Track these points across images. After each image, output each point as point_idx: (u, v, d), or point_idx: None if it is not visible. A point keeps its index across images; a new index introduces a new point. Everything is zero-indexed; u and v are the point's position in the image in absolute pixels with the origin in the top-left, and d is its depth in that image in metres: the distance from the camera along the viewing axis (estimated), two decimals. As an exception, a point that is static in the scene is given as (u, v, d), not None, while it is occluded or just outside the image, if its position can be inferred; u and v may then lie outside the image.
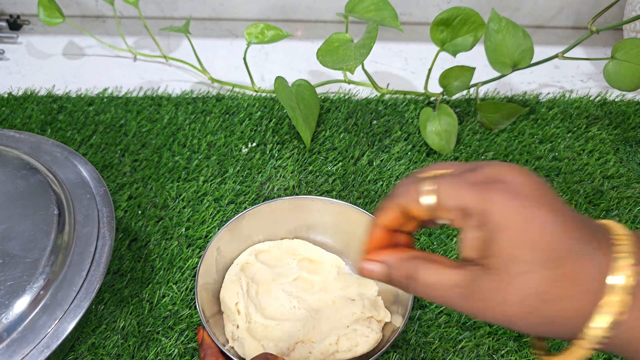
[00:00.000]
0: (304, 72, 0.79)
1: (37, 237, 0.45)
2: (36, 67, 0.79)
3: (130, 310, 0.52)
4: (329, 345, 0.47)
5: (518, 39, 0.62)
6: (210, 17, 0.87)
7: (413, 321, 0.51)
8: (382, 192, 0.62)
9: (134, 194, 0.61)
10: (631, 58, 0.59)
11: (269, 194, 0.62)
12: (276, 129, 0.69)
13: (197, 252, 0.56)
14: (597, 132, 0.69)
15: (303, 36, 0.85)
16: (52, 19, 0.72)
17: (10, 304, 0.41)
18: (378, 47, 0.80)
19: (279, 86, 0.63)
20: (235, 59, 0.79)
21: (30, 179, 0.49)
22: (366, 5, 0.62)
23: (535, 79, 0.78)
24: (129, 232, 0.58)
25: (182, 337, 0.50)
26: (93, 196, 0.50)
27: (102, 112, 0.70)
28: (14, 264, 0.43)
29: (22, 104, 0.71)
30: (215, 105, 0.72)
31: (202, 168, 0.64)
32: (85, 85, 0.75)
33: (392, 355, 0.49)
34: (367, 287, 0.51)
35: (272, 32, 0.67)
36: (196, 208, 0.60)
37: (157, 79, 0.77)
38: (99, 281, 0.44)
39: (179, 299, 0.53)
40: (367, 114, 0.71)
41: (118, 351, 0.49)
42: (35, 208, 0.47)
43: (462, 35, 0.63)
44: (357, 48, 0.58)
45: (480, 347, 0.50)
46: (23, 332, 0.41)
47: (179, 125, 0.69)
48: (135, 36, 0.84)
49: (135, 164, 0.65)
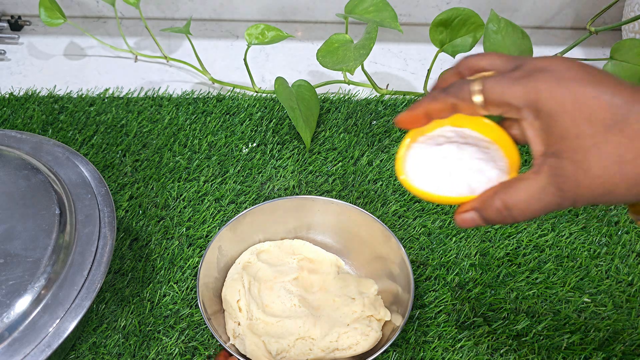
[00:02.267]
0: (304, 72, 0.80)
1: (38, 237, 0.45)
2: (37, 68, 0.79)
3: (131, 310, 0.52)
4: (329, 342, 0.47)
5: (517, 40, 0.63)
6: (211, 18, 0.87)
7: (412, 320, 0.52)
8: (381, 192, 0.62)
9: (135, 193, 0.61)
10: (630, 58, 0.59)
11: (269, 194, 0.62)
12: (276, 129, 0.69)
13: (197, 251, 0.56)
14: (596, 133, 0.69)
15: (303, 37, 0.85)
16: (53, 20, 0.73)
17: (11, 303, 0.42)
18: (378, 47, 0.81)
19: (279, 87, 0.63)
20: (236, 60, 0.80)
21: (31, 179, 0.49)
22: (366, 6, 0.62)
23: (535, 79, 0.78)
24: (130, 232, 0.58)
25: (183, 336, 0.50)
26: (94, 196, 0.50)
27: (103, 112, 0.71)
28: (15, 263, 0.44)
29: (23, 104, 0.72)
30: (215, 105, 0.72)
31: (203, 168, 0.64)
32: (86, 86, 0.75)
33: (391, 354, 0.50)
34: (367, 286, 0.52)
35: (272, 33, 0.67)
36: (197, 208, 0.60)
37: (158, 80, 0.77)
38: (100, 281, 0.45)
39: (179, 298, 0.53)
40: (366, 114, 0.71)
41: (119, 350, 0.50)
42: (37, 208, 0.47)
43: (461, 36, 0.63)
44: (356, 49, 0.58)
45: (479, 346, 0.50)
46: (24, 331, 0.41)
47: (179, 126, 0.69)
48: (136, 37, 0.84)
49: (136, 164, 0.65)
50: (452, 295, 0.54)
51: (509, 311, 0.52)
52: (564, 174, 0.28)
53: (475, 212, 0.32)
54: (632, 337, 0.50)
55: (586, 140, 0.27)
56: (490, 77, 0.30)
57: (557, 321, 0.52)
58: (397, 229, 0.59)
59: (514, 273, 0.55)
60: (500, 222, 0.31)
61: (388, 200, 0.61)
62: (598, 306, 0.53)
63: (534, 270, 0.55)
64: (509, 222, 0.31)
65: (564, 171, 0.28)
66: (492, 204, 0.31)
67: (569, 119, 0.27)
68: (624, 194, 0.28)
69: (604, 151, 0.27)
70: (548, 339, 0.50)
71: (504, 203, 0.30)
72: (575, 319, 0.52)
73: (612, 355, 0.49)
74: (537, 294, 0.54)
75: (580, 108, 0.27)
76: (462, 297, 0.53)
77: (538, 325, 0.51)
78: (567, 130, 0.28)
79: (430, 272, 0.55)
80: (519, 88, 0.29)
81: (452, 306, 0.53)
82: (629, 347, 0.50)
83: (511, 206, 0.30)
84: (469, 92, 0.31)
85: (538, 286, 0.54)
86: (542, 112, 0.28)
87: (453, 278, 0.55)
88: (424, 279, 0.55)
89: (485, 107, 0.31)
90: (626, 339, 0.50)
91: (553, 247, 0.57)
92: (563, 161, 0.28)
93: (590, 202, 0.29)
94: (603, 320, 0.52)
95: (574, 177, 0.28)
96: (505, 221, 0.31)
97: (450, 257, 0.56)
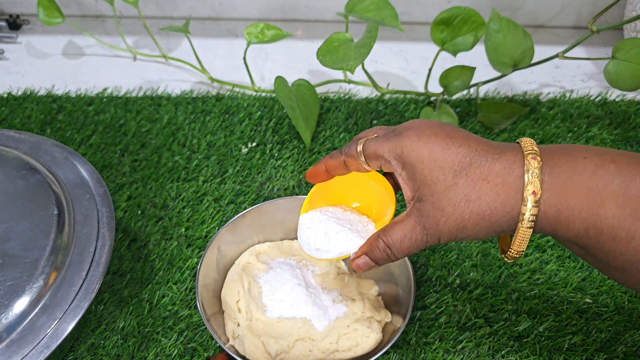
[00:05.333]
0: (304, 72, 0.79)
1: (36, 237, 0.45)
2: (36, 67, 0.79)
3: (130, 311, 0.52)
4: (329, 344, 0.47)
5: (518, 39, 0.62)
6: (210, 16, 0.87)
7: (413, 321, 0.51)
8: (382, 192, 0.62)
9: (133, 194, 0.61)
10: (632, 58, 0.58)
11: (268, 194, 0.62)
12: (276, 129, 0.69)
13: (196, 252, 0.56)
14: (598, 132, 0.69)
15: (303, 36, 0.85)
16: (52, 19, 0.72)
17: (9, 304, 0.41)
18: (378, 46, 0.80)
19: (279, 86, 0.63)
20: (235, 59, 0.79)
21: (29, 179, 0.49)
22: (366, 5, 0.62)
23: (536, 78, 0.77)
24: (128, 232, 0.58)
25: (182, 337, 0.50)
26: (92, 196, 0.50)
27: (102, 112, 0.70)
28: (13, 264, 0.43)
29: (21, 103, 0.71)
30: (215, 105, 0.71)
31: (202, 168, 0.64)
32: (84, 85, 0.75)
33: (392, 356, 0.49)
34: (367, 287, 0.51)
35: (272, 31, 0.67)
36: (196, 208, 0.60)
37: (156, 79, 0.77)
38: (98, 281, 0.44)
39: (178, 299, 0.53)
40: (367, 113, 0.71)
41: (118, 351, 0.49)
42: (35, 208, 0.47)
43: (462, 34, 0.63)
44: (357, 48, 0.57)
45: (481, 348, 0.50)
46: (22, 332, 0.41)
47: (178, 125, 0.69)
48: (134, 36, 0.83)
49: (135, 164, 0.64)
50: (453, 296, 0.53)
51: (511, 312, 0.52)
52: (426, 214, 0.33)
53: (365, 255, 0.37)
54: (634, 338, 0.50)
55: (440, 185, 0.33)
56: (370, 139, 0.37)
57: (558, 322, 0.51)
58: (397, 229, 0.58)
59: (516, 274, 0.55)
60: (385, 261, 0.37)
61: (388, 200, 0.61)
62: (600, 307, 0.52)
63: (535, 271, 0.55)
64: (392, 260, 0.36)
65: (426, 212, 0.33)
66: (377, 245, 0.36)
67: (426, 168, 0.33)
68: (474, 230, 0.32)
69: (454, 193, 0.32)
70: (550, 340, 0.50)
71: (385, 243, 0.36)
72: (577, 320, 0.51)
73: (614, 356, 0.49)
74: (539, 294, 0.53)
75: (434, 158, 0.33)
76: (463, 298, 0.53)
77: (540, 326, 0.51)
78: (425, 177, 0.33)
79: (431, 273, 0.55)
80: (388, 144, 0.35)
81: (453, 307, 0.52)
82: (630, 348, 0.50)
83: (390, 245, 0.35)
84: (355, 150, 0.38)
85: (539, 287, 0.54)
86: (407, 163, 0.34)
87: (454, 279, 0.54)
88: (424, 279, 0.54)
89: (367, 162, 0.38)
90: (628, 340, 0.50)
91: (555, 247, 0.57)
92: (424, 204, 0.33)
93: (451, 238, 0.33)
94: (605, 321, 0.51)
95: (433, 216, 0.33)
96: (390, 259, 0.36)
97: (452, 258, 0.56)
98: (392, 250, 0.36)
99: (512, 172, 0.32)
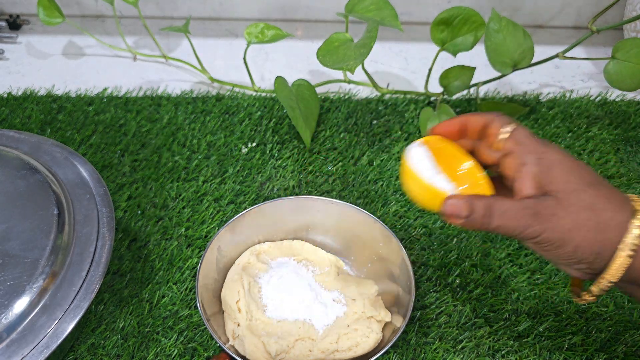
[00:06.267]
0: (304, 72, 0.79)
1: (36, 237, 0.45)
2: (36, 67, 0.79)
3: (130, 311, 0.52)
4: (329, 344, 0.47)
5: (518, 39, 0.62)
6: (210, 16, 0.87)
7: (413, 321, 0.51)
8: (382, 192, 0.62)
9: (133, 194, 0.61)
10: (632, 58, 0.58)
11: (268, 194, 0.62)
12: (276, 129, 0.69)
13: (196, 252, 0.56)
14: (598, 132, 0.69)
15: (303, 36, 0.85)
16: (52, 19, 0.72)
17: (9, 304, 0.41)
18: (378, 46, 0.80)
19: (279, 86, 0.63)
20: (235, 59, 0.79)
21: (29, 179, 0.49)
22: (366, 5, 0.62)
23: (536, 78, 0.77)
24: (128, 232, 0.58)
25: (182, 337, 0.50)
26: (93, 196, 0.50)
27: (102, 112, 0.70)
28: (13, 264, 0.43)
29: (21, 103, 0.71)
30: (215, 105, 0.71)
31: (202, 168, 0.64)
32: (84, 85, 0.75)
33: (392, 356, 0.49)
34: (367, 287, 0.51)
35: (272, 31, 0.67)
36: (196, 208, 0.60)
37: (156, 79, 0.77)
38: (98, 281, 0.44)
39: (178, 299, 0.53)
40: (367, 113, 0.71)
41: (118, 351, 0.49)
42: (35, 208, 0.47)
43: (462, 35, 0.63)
44: (357, 48, 0.57)
45: (481, 347, 0.50)
46: (22, 332, 0.41)
47: (178, 125, 0.69)
48: (135, 36, 0.83)
49: (135, 164, 0.64)
50: (453, 296, 0.53)
51: (510, 312, 0.52)
52: (545, 205, 0.35)
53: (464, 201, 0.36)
54: (634, 337, 0.50)
55: (572, 186, 0.35)
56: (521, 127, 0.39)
57: (558, 322, 0.51)
58: (397, 229, 0.58)
59: (516, 274, 0.55)
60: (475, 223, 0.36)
61: (389, 201, 0.61)
62: (600, 307, 0.52)
63: (535, 271, 0.55)
64: (483, 224, 0.36)
65: (546, 203, 0.35)
66: (479, 202, 0.36)
67: (565, 170, 0.36)
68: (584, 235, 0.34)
69: (582, 196, 0.35)
70: (550, 340, 0.50)
71: (488, 204, 0.36)
72: (577, 320, 0.51)
73: (613, 356, 0.49)
74: (539, 294, 0.53)
75: (574, 167, 0.36)
76: (463, 298, 0.53)
77: (540, 326, 0.51)
78: (561, 177, 0.36)
79: (431, 273, 0.55)
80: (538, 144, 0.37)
81: (453, 307, 0.52)
82: (630, 347, 0.50)
83: (493, 209, 0.36)
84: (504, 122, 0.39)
85: (539, 287, 0.54)
86: (545, 161, 0.36)
87: (454, 279, 0.54)
88: (424, 279, 0.54)
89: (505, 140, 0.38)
90: (628, 340, 0.50)
91: (554, 247, 0.57)
92: (547, 198, 0.35)
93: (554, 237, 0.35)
94: (605, 321, 0.51)
95: (552, 207, 0.35)
96: (481, 221, 0.36)
97: (452, 257, 0.56)
98: (491, 212, 0.35)
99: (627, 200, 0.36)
